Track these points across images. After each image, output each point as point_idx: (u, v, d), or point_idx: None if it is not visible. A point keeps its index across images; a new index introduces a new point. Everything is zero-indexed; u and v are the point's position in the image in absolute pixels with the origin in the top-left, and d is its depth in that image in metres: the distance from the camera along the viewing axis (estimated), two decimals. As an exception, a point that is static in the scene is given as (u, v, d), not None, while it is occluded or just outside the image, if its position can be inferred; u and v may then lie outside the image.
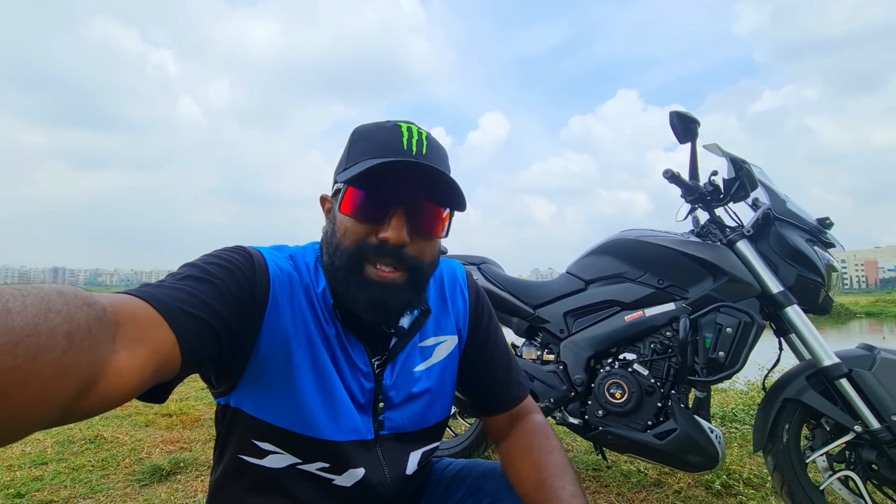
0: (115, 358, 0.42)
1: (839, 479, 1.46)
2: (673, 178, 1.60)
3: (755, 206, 1.70)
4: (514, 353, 2.01)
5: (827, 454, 1.49)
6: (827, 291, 1.55)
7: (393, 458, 0.74)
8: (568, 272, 1.87)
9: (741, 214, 1.69)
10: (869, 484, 1.43)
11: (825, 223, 1.60)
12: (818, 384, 1.48)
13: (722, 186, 1.63)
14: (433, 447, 0.81)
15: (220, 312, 0.57)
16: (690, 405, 1.58)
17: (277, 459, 0.69)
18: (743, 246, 1.57)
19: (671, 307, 1.61)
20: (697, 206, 1.69)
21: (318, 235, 0.78)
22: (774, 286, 1.51)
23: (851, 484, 1.45)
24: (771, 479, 1.56)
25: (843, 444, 1.44)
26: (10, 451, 2.21)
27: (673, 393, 1.57)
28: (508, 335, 2.01)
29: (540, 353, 1.84)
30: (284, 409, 0.67)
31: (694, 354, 1.53)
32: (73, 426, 2.54)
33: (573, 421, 1.68)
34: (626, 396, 1.59)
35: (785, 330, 1.59)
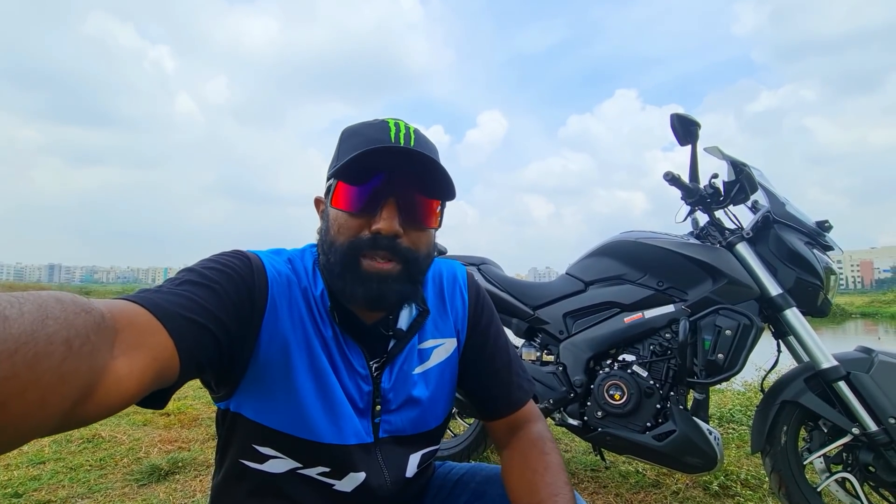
0: (113, 364, 0.42)
1: (836, 480, 1.46)
2: (673, 180, 1.61)
3: (754, 208, 1.71)
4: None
5: (824, 456, 1.49)
6: (825, 294, 1.55)
7: (393, 461, 0.74)
8: (568, 273, 1.88)
9: (740, 217, 1.70)
10: (866, 486, 1.43)
11: (824, 226, 1.60)
12: (816, 386, 1.49)
13: (722, 189, 1.63)
14: (433, 450, 0.81)
15: (218, 317, 0.57)
16: (689, 407, 1.59)
17: (278, 464, 0.69)
18: (742, 248, 1.58)
19: (670, 309, 1.61)
20: (697, 208, 1.70)
21: (314, 235, 0.77)
22: (773, 289, 1.52)
23: (848, 486, 1.45)
24: (768, 480, 1.57)
25: (840, 446, 1.45)
26: (7, 450, 2.20)
27: (672, 394, 1.58)
28: (509, 336, 2.02)
29: (539, 354, 1.84)
30: (284, 413, 0.67)
31: (693, 356, 1.54)
32: (70, 425, 2.54)
33: (572, 422, 1.69)
34: (625, 398, 1.59)
35: (783, 332, 1.60)
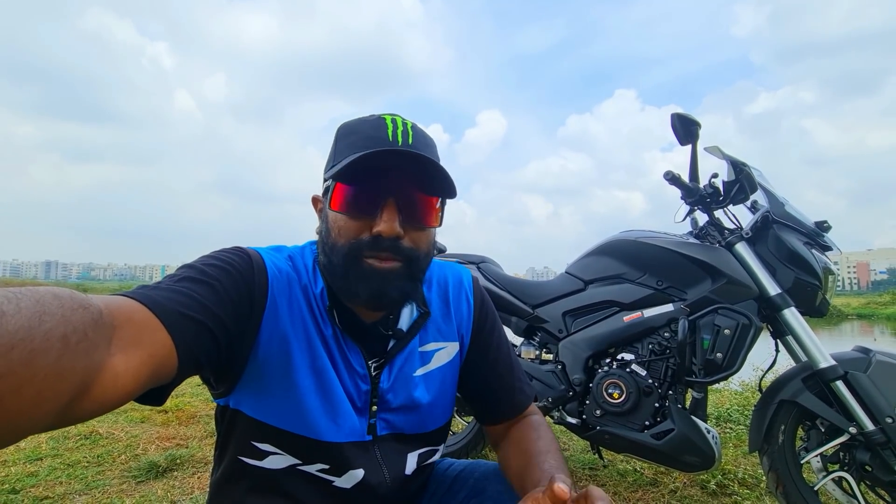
0: (111, 361, 0.42)
1: (833, 479, 1.47)
2: (673, 179, 1.61)
3: (754, 208, 1.71)
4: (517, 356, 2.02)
5: (821, 455, 1.50)
6: (824, 294, 1.56)
7: (392, 458, 0.74)
8: (567, 272, 1.88)
9: (740, 217, 1.71)
10: (862, 485, 1.44)
11: (823, 226, 1.61)
12: (814, 386, 1.49)
13: (721, 189, 1.63)
14: (433, 450, 0.81)
15: (217, 314, 0.57)
16: (687, 406, 1.60)
17: (277, 460, 0.69)
18: (741, 248, 1.58)
19: (670, 308, 1.62)
20: (697, 207, 1.70)
21: (313, 233, 0.77)
22: (772, 288, 1.53)
23: (845, 485, 1.46)
24: (766, 479, 1.57)
25: (837, 445, 1.46)
26: (4, 446, 2.19)
27: (670, 393, 1.58)
28: (507, 334, 2.02)
29: (538, 352, 1.84)
30: (284, 410, 0.67)
31: (692, 355, 1.54)
32: (67, 422, 2.53)
33: (571, 420, 1.69)
34: (623, 396, 1.59)
35: (782, 332, 1.60)
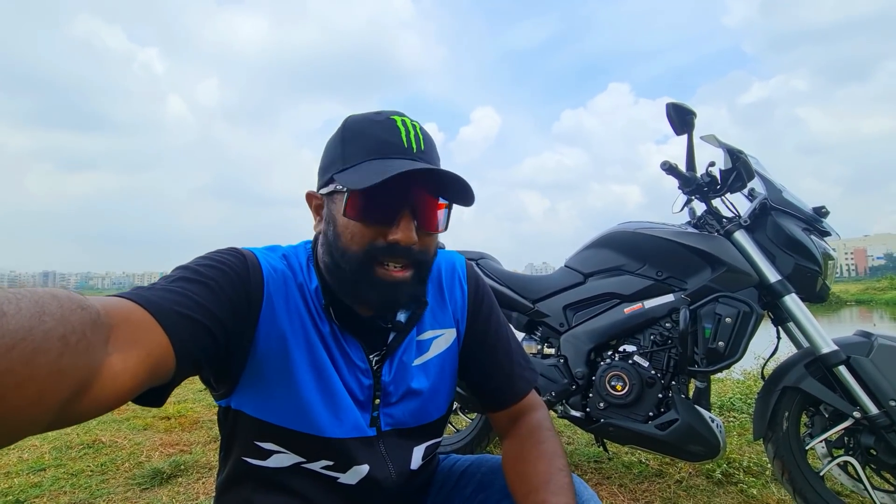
0: (109, 360, 0.42)
1: (838, 464, 1.47)
2: (670, 169, 1.61)
3: (751, 196, 1.71)
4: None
5: (826, 441, 1.50)
6: (824, 280, 1.56)
7: (396, 453, 0.74)
8: (566, 266, 1.88)
9: (738, 205, 1.70)
10: (867, 468, 1.44)
11: (821, 212, 1.61)
12: (817, 372, 1.49)
13: (719, 177, 1.63)
14: (436, 442, 0.81)
15: (214, 313, 0.57)
16: (691, 395, 1.60)
17: (281, 459, 0.69)
18: (740, 236, 1.58)
19: (670, 298, 1.62)
20: (694, 197, 1.70)
21: (310, 234, 0.76)
22: (772, 275, 1.53)
23: (850, 469, 1.46)
24: (771, 466, 1.58)
25: (841, 430, 1.46)
26: (7, 457, 2.18)
27: (673, 384, 1.58)
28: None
29: (540, 347, 1.84)
30: (285, 408, 0.67)
31: (694, 345, 1.54)
32: (70, 431, 2.51)
33: (575, 414, 1.69)
34: (626, 388, 1.59)
35: (783, 319, 1.60)
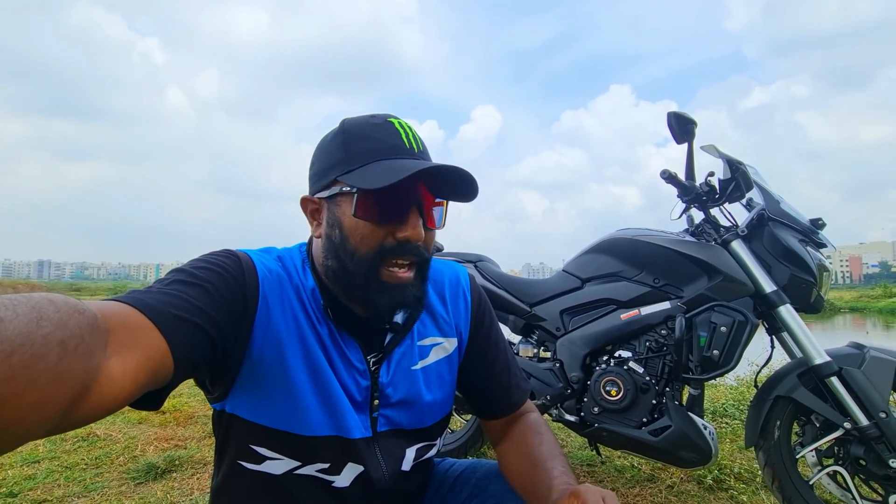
0: (107, 364, 0.42)
1: (828, 474, 1.49)
2: (670, 178, 1.62)
3: (749, 206, 1.72)
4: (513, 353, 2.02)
5: (816, 450, 1.52)
6: (819, 291, 1.57)
7: (390, 453, 0.75)
8: (564, 270, 1.89)
9: (735, 214, 1.72)
10: (856, 479, 1.46)
11: (818, 224, 1.62)
12: (809, 382, 1.51)
13: (717, 187, 1.64)
14: (430, 445, 0.81)
15: (210, 315, 0.57)
16: (684, 402, 1.61)
17: (276, 465, 0.69)
18: (737, 246, 1.59)
19: (667, 306, 1.63)
20: (693, 205, 1.71)
21: (307, 231, 0.76)
22: (768, 285, 1.54)
23: (840, 479, 1.48)
24: (762, 474, 1.59)
25: (832, 440, 1.48)
26: (0, 449, 2.18)
27: (668, 390, 1.60)
28: (505, 332, 2.03)
29: (536, 350, 1.85)
30: (281, 410, 0.67)
31: (689, 352, 1.55)
32: (64, 424, 2.52)
33: (569, 418, 1.70)
34: (621, 394, 1.60)
35: (777, 328, 1.62)
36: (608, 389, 1.62)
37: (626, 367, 1.64)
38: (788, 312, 1.53)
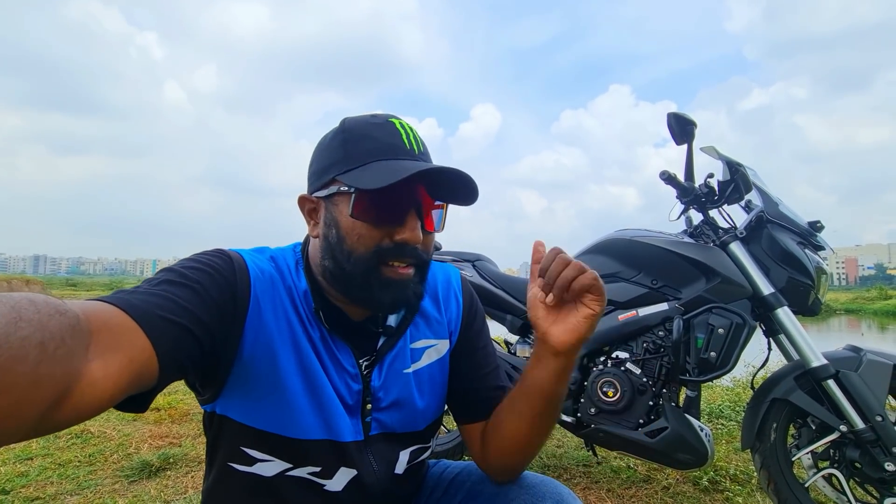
0: (89, 367, 0.41)
1: (823, 476, 1.49)
2: (669, 179, 1.61)
3: (748, 208, 1.72)
4: (507, 350, 2.02)
5: (812, 452, 1.52)
6: (816, 294, 1.57)
7: (383, 456, 0.74)
8: (562, 271, 1.88)
9: (734, 216, 1.71)
10: (851, 481, 1.46)
11: (816, 226, 1.62)
12: (806, 384, 1.51)
13: (717, 188, 1.64)
14: (423, 447, 0.81)
15: (199, 318, 0.56)
16: (681, 404, 1.61)
17: (267, 467, 0.68)
18: (736, 248, 1.59)
19: (664, 307, 1.62)
20: (692, 206, 1.71)
21: (305, 228, 0.74)
22: (766, 288, 1.54)
23: (835, 481, 1.48)
24: (758, 476, 1.59)
25: (828, 443, 1.48)
26: (-7, 445, 2.17)
27: (664, 392, 1.59)
28: (503, 332, 2.02)
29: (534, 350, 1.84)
30: (272, 412, 0.66)
31: (686, 354, 1.55)
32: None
33: (565, 418, 1.70)
34: (618, 395, 1.60)
35: (774, 331, 1.62)
36: (605, 390, 1.62)
37: (623, 368, 1.63)
38: (786, 315, 1.53)
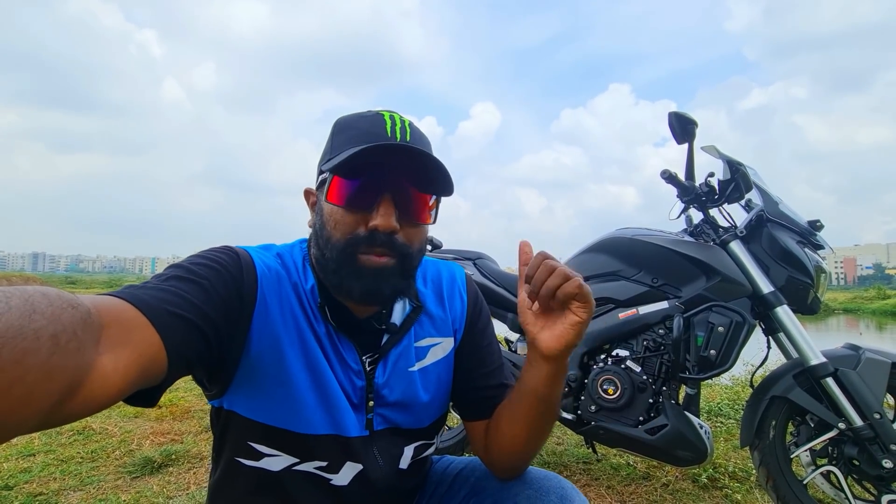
0: (99, 360, 0.42)
1: (822, 473, 1.51)
2: (670, 178, 1.62)
3: (748, 207, 1.73)
4: (508, 348, 2.03)
5: (811, 450, 1.53)
6: (815, 292, 1.58)
7: (388, 452, 0.75)
8: (563, 269, 1.89)
9: (734, 215, 1.72)
10: (849, 478, 1.48)
11: (815, 226, 1.63)
12: (805, 382, 1.52)
13: (717, 187, 1.65)
14: (427, 443, 0.81)
15: (206, 313, 0.56)
16: (681, 401, 1.62)
17: (274, 461, 0.69)
18: (736, 246, 1.60)
19: (664, 305, 1.63)
20: (692, 205, 1.72)
21: (305, 226, 0.77)
22: (765, 287, 1.55)
23: (833, 478, 1.50)
24: (756, 473, 1.61)
25: (826, 440, 1.49)
26: (-5, 442, 2.18)
27: (664, 389, 1.60)
28: (504, 330, 2.03)
29: (534, 348, 1.85)
30: (279, 408, 0.67)
31: (686, 352, 1.56)
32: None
33: (566, 416, 1.71)
34: (618, 392, 1.61)
35: (774, 329, 1.63)
36: (605, 388, 1.63)
37: (623, 365, 1.64)
38: (785, 313, 1.54)
